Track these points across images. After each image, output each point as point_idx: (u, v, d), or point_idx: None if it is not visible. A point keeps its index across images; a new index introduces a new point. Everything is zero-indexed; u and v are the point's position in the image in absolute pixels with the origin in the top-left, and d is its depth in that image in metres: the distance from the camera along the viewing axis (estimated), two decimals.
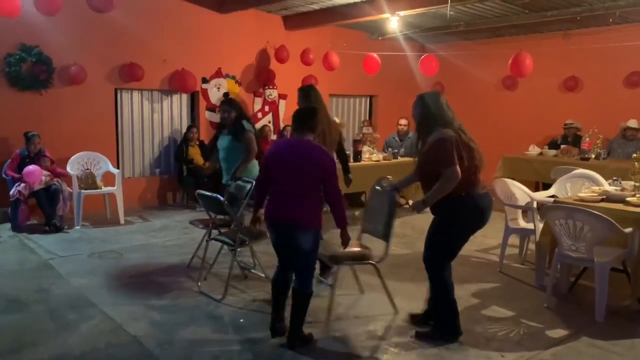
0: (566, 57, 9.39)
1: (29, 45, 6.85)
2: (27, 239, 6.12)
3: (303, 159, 3.50)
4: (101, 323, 3.86)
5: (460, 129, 3.69)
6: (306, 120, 3.64)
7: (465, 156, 3.55)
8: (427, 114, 3.74)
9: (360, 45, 9.73)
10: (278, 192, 3.59)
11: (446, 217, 3.69)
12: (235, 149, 5.28)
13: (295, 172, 3.49)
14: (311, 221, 3.53)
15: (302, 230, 3.49)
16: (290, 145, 3.68)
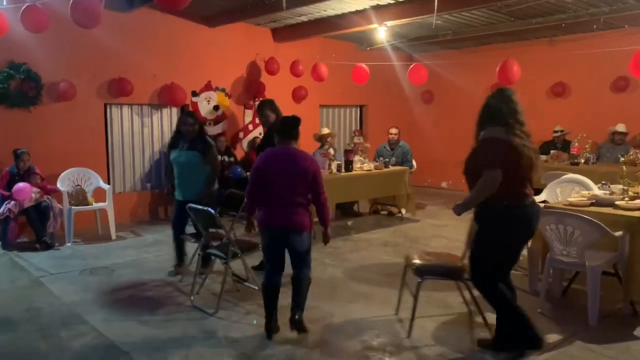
0: (553, 64, 9.50)
1: (17, 62, 6.84)
2: (17, 257, 6.07)
3: (293, 166, 3.72)
4: (94, 340, 3.82)
5: (521, 132, 3.36)
6: (291, 129, 3.88)
7: (513, 163, 3.27)
8: (483, 110, 3.56)
9: (349, 56, 9.79)
10: (272, 199, 3.75)
11: (485, 229, 3.45)
12: (199, 166, 5.06)
13: (286, 179, 3.70)
14: (304, 224, 3.77)
15: (298, 234, 3.73)
16: (278, 154, 3.83)
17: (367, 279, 5.27)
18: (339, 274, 5.44)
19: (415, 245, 6.63)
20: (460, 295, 4.21)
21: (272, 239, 3.79)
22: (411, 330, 3.87)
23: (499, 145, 3.29)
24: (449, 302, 4.58)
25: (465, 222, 8.17)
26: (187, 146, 5.07)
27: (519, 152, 3.28)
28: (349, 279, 5.28)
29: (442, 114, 11.44)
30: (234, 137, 9.20)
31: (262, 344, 3.76)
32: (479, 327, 3.98)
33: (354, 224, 7.90)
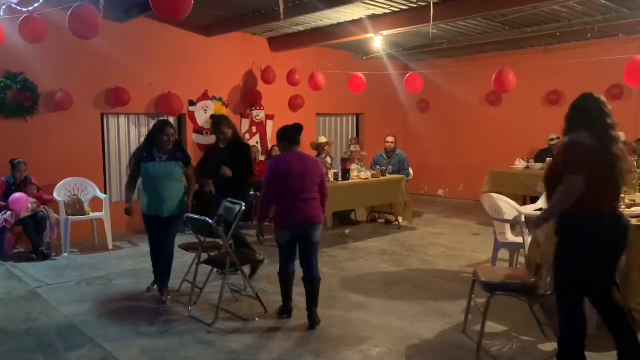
0: (548, 72, 9.57)
1: (14, 72, 6.84)
2: (14, 268, 6.04)
3: (308, 167, 4.25)
4: (91, 351, 3.80)
5: (608, 137, 3.18)
6: (297, 135, 4.35)
7: (600, 170, 3.08)
8: (569, 114, 3.37)
9: (346, 65, 9.84)
10: (293, 199, 4.19)
11: (564, 241, 3.24)
12: (181, 178, 4.86)
13: (306, 179, 4.21)
14: (321, 217, 4.33)
15: (318, 226, 4.27)
16: (294, 158, 4.27)
17: (365, 288, 5.27)
18: (336, 282, 5.43)
19: (413, 253, 6.64)
20: (531, 312, 4.03)
21: (294, 235, 4.23)
22: (479, 353, 3.70)
23: (582, 149, 3.09)
24: (447, 312, 4.57)
25: (461, 229, 8.21)
26: (165, 157, 4.75)
27: (611, 162, 3.10)
28: (347, 288, 5.27)
29: (438, 123, 11.49)
30: None
31: (261, 352, 3.74)
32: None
33: (352, 233, 7.90)
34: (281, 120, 9.63)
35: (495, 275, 3.89)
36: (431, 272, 5.85)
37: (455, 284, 5.42)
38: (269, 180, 4.25)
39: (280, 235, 4.27)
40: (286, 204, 4.19)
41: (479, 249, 6.78)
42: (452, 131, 11.28)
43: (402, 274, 5.76)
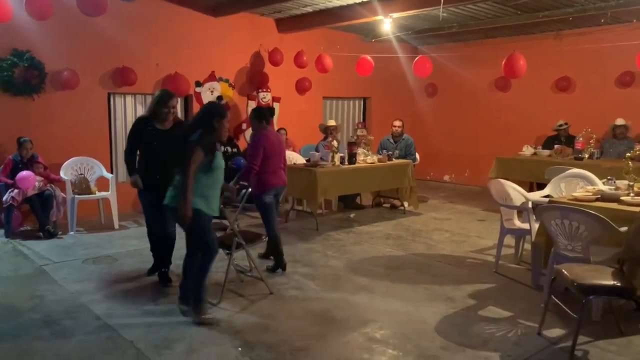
0: (558, 58, 9.46)
1: (21, 50, 6.81)
2: (20, 245, 6.07)
3: (281, 142, 5.39)
4: (97, 329, 3.83)
5: None
6: (271, 116, 5.28)
7: None
8: None
9: (354, 48, 9.75)
10: (275, 166, 5.14)
11: None
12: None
13: (281, 151, 5.28)
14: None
15: (285, 188, 5.44)
16: (273, 134, 5.35)
17: (369, 271, 5.27)
18: (341, 266, 5.44)
19: (418, 238, 6.63)
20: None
21: (276, 195, 5.21)
22: (572, 357, 3.44)
23: None
24: (451, 296, 4.58)
25: (466, 215, 8.20)
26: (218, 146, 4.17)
27: None
28: (352, 271, 5.28)
29: (445, 107, 11.40)
30: (236, 128, 9.17)
31: (265, 334, 3.76)
32: None
33: (357, 217, 7.89)
34: (288, 103, 9.60)
35: (585, 276, 3.48)
36: (436, 256, 5.85)
37: (459, 269, 5.42)
38: (259, 151, 4.98)
39: (267, 198, 5.05)
40: (271, 170, 5.06)
41: (484, 235, 6.77)
42: (459, 116, 11.20)
43: (406, 258, 5.77)
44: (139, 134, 4.67)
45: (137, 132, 4.70)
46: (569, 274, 3.51)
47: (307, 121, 9.59)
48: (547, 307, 3.87)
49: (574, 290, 3.47)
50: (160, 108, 4.63)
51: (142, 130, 4.65)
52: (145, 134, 4.63)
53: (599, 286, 3.39)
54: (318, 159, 7.20)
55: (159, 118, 4.66)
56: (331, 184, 6.99)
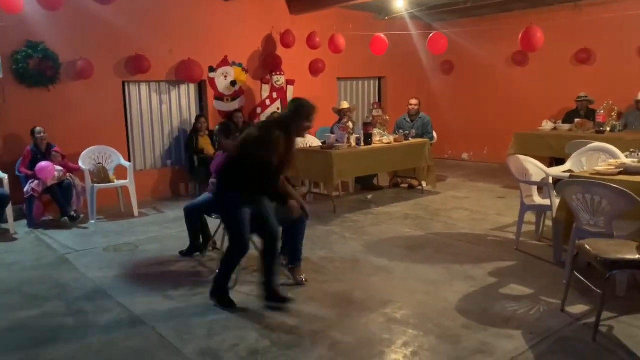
0: (577, 29, 9.22)
1: (35, 41, 6.84)
2: (43, 235, 6.17)
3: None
4: (119, 315, 3.88)
5: None
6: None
7: None
8: None
9: (367, 26, 9.62)
10: None
11: None
12: None
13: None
14: None
15: None
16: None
17: (388, 252, 5.25)
18: (359, 247, 5.42)
19: (437, 217, 6.58)
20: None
21: None
22: (596, 333, 3.36)
23: None
24: (472, 275, 4.54)
25: (486, 193, 8.13)
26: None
27: None
28: (370, 252, 5.26)
29: (462, 85, 11.22)
30: (251, 113, 9.15)
31: (285, 317, 3.77)
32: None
33: (374, 198, 7.85)
34: (302, 85, 9.53)
35: (608, 250, 3.37)
36: (455, 235, 5.80)
37: (479, 247, 5.36)
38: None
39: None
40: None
41: (504, 212, 6.69)
42: (476, 93, 11.02)
43: (425, 238, 5.72)
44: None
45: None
46: (591, 249, 3.43)
47: (321, 103, 9.36)
48: (569, 283, 3.80)
49: (597, 266, 3.39)
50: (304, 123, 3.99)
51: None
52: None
53: (623, 260, 3.29)
54: (334, 141, 7.15)
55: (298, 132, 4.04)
56: (347, 165, 6.95)
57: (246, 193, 3.82)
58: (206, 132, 8.20)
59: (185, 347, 3.36)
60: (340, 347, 3.33)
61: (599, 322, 3.35)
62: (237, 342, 3.41)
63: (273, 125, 3.90)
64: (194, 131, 8.17)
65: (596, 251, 3.38)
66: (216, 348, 3.34)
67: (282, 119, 4.01)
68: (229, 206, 3.82)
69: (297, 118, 3.89)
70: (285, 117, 4.02)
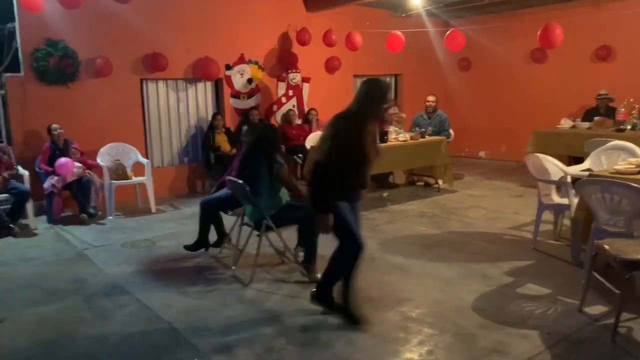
0: (596, 26, 9.08)
1: (55, 39, 6.93)
2: (62, 231, 6.25)
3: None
4: (136, 311, 3.92)
5: None
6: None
7: None
8: None
9: (383, 24, 9.58)
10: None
11: None
12: None
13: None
14: None
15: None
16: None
17: (404, 250, 5.23)
18: (375, 245, 5.41)
19: (453, 216, 6.54)
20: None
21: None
22: (615, 334, 3.33)
23: None
24: (487, 274, 4.50)
25: (503, 191, 8.05)
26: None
27: None
28: (386, 250, 5.25)
29: (479, 82, 11.13)
30: (267, 110, 9.17)
31: (300, 315, 3.78)
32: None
33: (390, 196, 7.83)
34: (318, 83, 9.53)
35: (628, 250, 3.33)
36: (471, 234, 5.76)
37: (496, 246, 5.32)
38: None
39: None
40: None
41: (522, 211, 6.63)
42: (494, 90, 10.92)
43: (441, 237, 5.70)
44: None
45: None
46: (611, 249, 3.39)
47: (337, 101, 9.41)
48: (588, 283, 3.76)
49: (616, 266, 3.34)
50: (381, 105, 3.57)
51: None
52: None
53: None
54: None
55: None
56: None
57: (342, 192, 3.50)
58: (223, 130, 8.24)
59: (201, 342, 3.39)
60: (356, 345, 3.33)
61: (617, 323, 3.30)
62: (252, 338, 3.43)
63: (339, 120, 3.47)
64: (210, 128, 8.21)
65: (615, 251, 3.34)
66: (232, 344, 3.36)
67: (351, 109, 3.51)
68: (330, 208, 3.48)
69: (369, 102, 3.46)
70: (355, 105, 3.51)
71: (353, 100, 3.53)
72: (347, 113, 3.50)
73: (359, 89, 3.57)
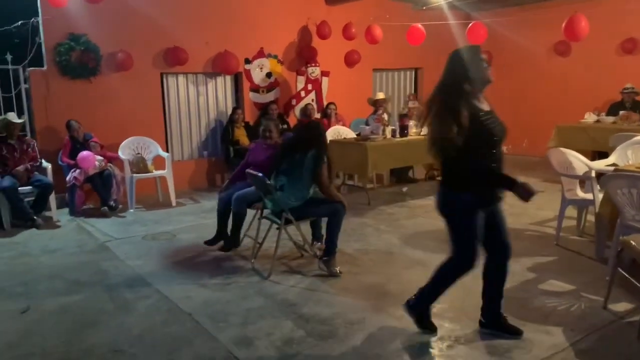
0: (623, 18, 8.88)
1: (77, 34, 7.00)
2: (84, 223, 6.34)
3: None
4: (157, 302, 3.95)
5: None
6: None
7: None
8: None
9: (404, 17, 9.49)
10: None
11: None
12: None
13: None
14: None
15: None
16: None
17: (423, 245, 5.19)
18: (394, 240, 5.39)
19: None
20: None
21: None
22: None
23: None
24: (510, 270, 4.40)
25: None
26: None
27: None
28: (405, 245, 5.22)
29: (501, 75, 10.86)
30: (286, 105, 9.17)
31: (319, 307, 3.78)
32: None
33: (409, 190, 7.77)
34: (337, 77, 9.49)
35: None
36: None
37: (518, 241, 5.22)
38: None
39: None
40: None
41: (544, 206, 6.52)
42: (516, 84, 10.75)
43: None
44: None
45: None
46: (637, 245, 3.31)
47: (356, 95, 9.47)
48: (612, 280, 3.68)
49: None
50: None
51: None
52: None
53: None
54: (369, 133, 7.11)
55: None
56: (382, 157, 6.89)
57: (480, 192, 3.08)
58: (242, 124, 8.26)
59: (220, 334, 3.41)
60: (375, 339, 3.32)
61: None
62: (272, 331, 3.43)
63: (439, 105, 3.01)
64: (230, 122, 8.24)
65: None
66: (251, 336, 3.37)
67: (444, 89, 3.09)
68: (461, 210, 3.10)
69: (463, 75, 3.06)
70: (447, 83, 3.12)
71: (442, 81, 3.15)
72: (440, 97, 3.06)
73: (446, 67, 3.20)
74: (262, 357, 3.13)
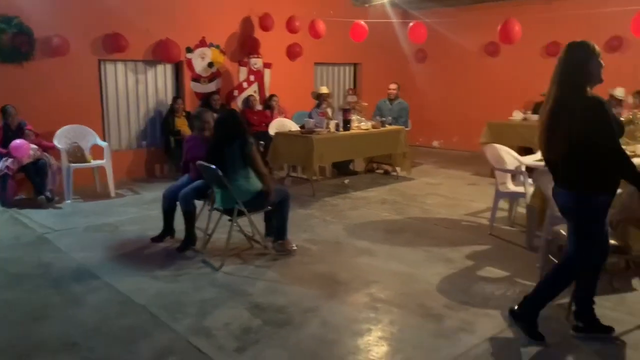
0: (548, 23, 9.49)
1: (9, 15, 6.64)
2: (17, 214, 6.07)
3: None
4: (109, 295, 3.90)
5: None
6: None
7: None
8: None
9: (344, 12, 9.67)
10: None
11: None
12: None
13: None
14: None
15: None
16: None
17: (369, 235, 5.39)
18: (340, 230, 5.55)
19: (413, 203, 6.76)
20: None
21: None
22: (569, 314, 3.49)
23: None
24: (450, 257, 4.72)
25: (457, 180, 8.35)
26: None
27: None
28: (351, 235, 5.40)
29: (435, 74, 11.42)
30: (228, 95, 9.12)
31: (274, 296, 3.87)
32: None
33: (351, 182, 7.98)
34: (279, 69, 9.54)
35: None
36: (432, 220, 5.99)
37: (456, 231, 5.57)
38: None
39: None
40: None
41: (477, 198, 6.92)
42: (449, 82, 11.25)
43: (403, 222, 5.90)
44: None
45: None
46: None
47: (298, 87, 9.57)
48: (544, 266, 4.02)
49: None
50: None
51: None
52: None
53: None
54: (313, 126, 7.23)
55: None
56: (327, 150, 7.04)
57: (615, 192, 3.01)
58: (183, 114, 8.15)
59: (178, 325, 3.42)
60: (330, 325, 3.45)
61: (572, 302, 3.56)
62: (229, 320, 3.49)
63: (585, 99, 3.05)
64: (170, 112, 8.11)
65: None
66: (209, 326, 3.41)
67: (576, 83, 3.10)
68: (597, 211, 3.03)
69: (585, 66, 3.09)
70: (576, 76, 3.10)
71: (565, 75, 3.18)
72: (577, 92, 3.10)
73: (562, 60, 3.18)
74: (222, 346, 3.18)
